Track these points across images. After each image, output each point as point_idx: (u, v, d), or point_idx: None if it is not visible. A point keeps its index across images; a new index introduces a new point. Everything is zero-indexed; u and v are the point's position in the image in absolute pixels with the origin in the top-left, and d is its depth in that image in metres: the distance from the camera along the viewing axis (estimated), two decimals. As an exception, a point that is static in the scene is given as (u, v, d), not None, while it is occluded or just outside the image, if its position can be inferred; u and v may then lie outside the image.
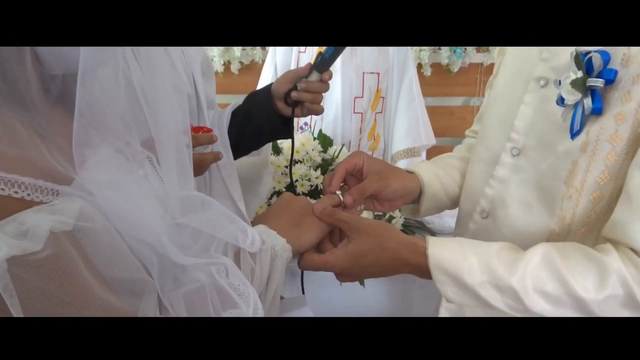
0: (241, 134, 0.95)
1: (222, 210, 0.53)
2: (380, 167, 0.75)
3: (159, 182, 0.51)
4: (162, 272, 0.44)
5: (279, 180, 1.29)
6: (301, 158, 1.35)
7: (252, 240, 0.52)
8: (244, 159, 1.01)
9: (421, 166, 0.81)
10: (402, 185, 0.76)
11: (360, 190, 0.71)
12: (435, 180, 0.80)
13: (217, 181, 0.93)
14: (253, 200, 1.08)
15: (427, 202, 0.80)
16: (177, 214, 0.50)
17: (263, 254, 0.54)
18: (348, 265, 0.60)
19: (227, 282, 0.45)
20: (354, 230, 0.61)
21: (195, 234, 0.51)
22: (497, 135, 0.71)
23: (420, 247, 0.59)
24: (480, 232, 0.71)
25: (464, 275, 0.56)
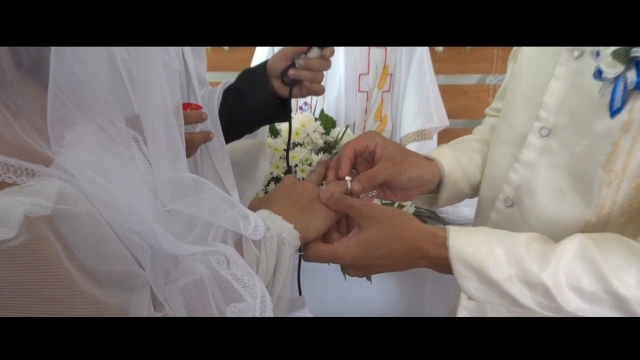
0: (233, 117, 0.93)
1: (219, 193, 0.52)
2: (395, 151, 0.74)
3: (146, 166, 0.50)
4: (155, 264, 0.43)
5: (277, 165, 1.28)
6: (301, 141, 1.33)
7: (255, 226, 0.51)
8: (237, 142, 1.00)
9: (441, 152, 0.80)
10: (419, 173, 0.74)
11: (370, 177, 0.70)
12: (457, 169, 0.78)
13: (207, 166, 0.92)
14: (248, 186, 1.07)
15: (447, 192, 0.79)
16: (167, 200, 0.49)
17: (268, 242, 0.53)
18: (359, 256, 0.59)
19: (229, 273, 0.45)
20: (366, 218, 0.60)
21: (189, 221, 0.50)
22: (523, 114, 0.70)
23: (440, 237, 0.58)
24: (504, 223, 0.70)
25: (489, 269, 0.55)
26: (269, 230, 0.54)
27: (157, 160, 0.49)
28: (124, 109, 0.50)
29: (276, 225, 0.55)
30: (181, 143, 0.51)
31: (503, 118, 0.76)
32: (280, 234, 0.55)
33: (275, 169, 1.27)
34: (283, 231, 0.55)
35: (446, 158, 0.79)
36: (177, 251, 0.44)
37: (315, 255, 0.61)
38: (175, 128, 0.50)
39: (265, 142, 1.07)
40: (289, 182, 0.65)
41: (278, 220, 0.56)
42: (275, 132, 1.34)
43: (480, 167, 0.80)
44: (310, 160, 1.29)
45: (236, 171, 0.97)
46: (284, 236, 0.55)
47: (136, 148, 0.50)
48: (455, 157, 0.80)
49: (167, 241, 0.44)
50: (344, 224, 0.67)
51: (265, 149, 1.07)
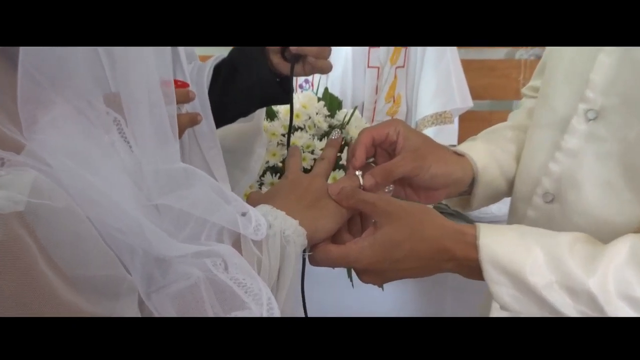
0: (225, 97, 0.93)
1: (214, 186, 0.53)
2: (418, 142, 0.74)
3: (129, 153, 0.50)
4: (144, 267, 0.44)
5: (274, 152, 1.28)
6: (302, 124, 1.34)
7: (257, 224, 0.52)
8: (229, 127, 1.01)
9: (473, 146, 0.80)
10: (446, 170, 0.74)
11: (386, 171, 0.70)
12: (492, 164, 0.79)
13: (194, 154, 0.92)
14: (241, 177, 1.07)
15: (482, 192, 0.79)
16: (154, 193, 0.50)
17: (270, 241, 0.54)
18: (375, 258, 0.60)
19: (228, 277, 0.45)
20: (383, 215, 0.61)
21: (179, 218, 0.50)
22: (566, 94, 0.70)
23: (469, 236, 0.59)
24: (542, 221, 0.71)
25: (526, 273, 0.55)
26: (271, 228, 0.55)
27: (141, 146, 0.50)
28: (102, 87, 0.50)
29: (279, 222, 0.56)
30: (169, 125, 0.51)
31: (542, 98, 0.76)
32: (284, 231, 0.56)
33: (272, 157, 1.28)
34: (287, 228, 0.56)
35: (479, 152, 0.78)
36: (171, 252, 0.45)
37: (324, 258, 0.61)
38: (163, 109, 0.51)
39: (261, 127, 1.08)
40: (292, 175, 0.66)
41: (281, 215, 0.57)
42: (272, 114, 1.34)
43: (516, 157, 0.81)
44: (312, 147, 1.30)
45: (227, 160, 0.98)
46: (289, 234, 0.56)
47: (117, 132, 0.50)
48: (490, 151, 0.79)
49: (159, 241, 0.44)
50: (358, 223, 0.68)
51: (261, 134, 1.08)
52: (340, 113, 1.43)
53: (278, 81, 0.92)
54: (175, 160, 0.53)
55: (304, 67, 0.90)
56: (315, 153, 1.29)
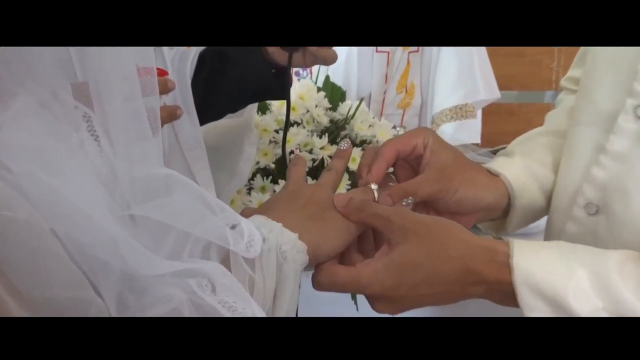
0: (212, 89, 0.93)
1: (199, 193, 0.53)
2: (447, 160, 0.75)
3: (100, 154, 0.50)
4: (117, 288, 0.44)
5: (266, 151, 1.28)
6: (299, 118, 1.34)
7: (250, 239, 0.52)
8: (217, 122, 1.00)
9: (510, 164, 0.80)
10: (475, 195, 0.74)
11: (404, 192, 0.71)
12: (530, 184, 0.79)
13: (173, 155, 0.92)
14: (228, 181, 1.07)
15: (519, 216, 0.79)
16: (129, 201, 0.50)
17: (265, 257, 0.54)
18: (391, 283, 0.60)
19: (216, 300, 0.45)
20: (398, 231, 0.61)
21: (158, 231, 0.51)
22: (610, 87, 0.71)
23: (500, 254, 0.58)
24: (585, 237, 0.71)
25: (568, 298, 0.55)
26: (265, 242, 0.55)
27: (115, 146, 0.50)
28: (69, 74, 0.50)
29: (275, 235, 0.56)
30: (148, 121, 0.52)
31: (583, 92, 0.76)
32: (281, 246, 0.56)
33: (264, 157, 1.28)
34: (285, 243, 0.56)
35: (515, 171, 0.78)
36: (148, 270, 0.45)
37: (330, 282, 0.61)
38: (140, 103, 0.51)
39: (251, 123, 1.08)
40: (293, 185, 0.66)
41: (277, 228, 0.57)
42: (263, 107, 1.34)
43: (554, 168, 0.81)
44: (310, 145, 1.30)
45: (212, 160, 0.97)
46: (286, 249, 0.56)
47: (87, 130, 0.50)
48: (528, 167, 0.79)
49: (135, 257, 0.44)
50: (370, 241, 0.68)
51: (251, 131, 1.08)
52: (343, 106, 1.43)
53: (273, 72, 0.93)
54: (154, 162, 0.53)
55: (304, 56, 0.90)
56: (314, 152, 1.29)
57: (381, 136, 1.39)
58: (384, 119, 1.48)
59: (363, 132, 1.37)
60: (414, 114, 1.87)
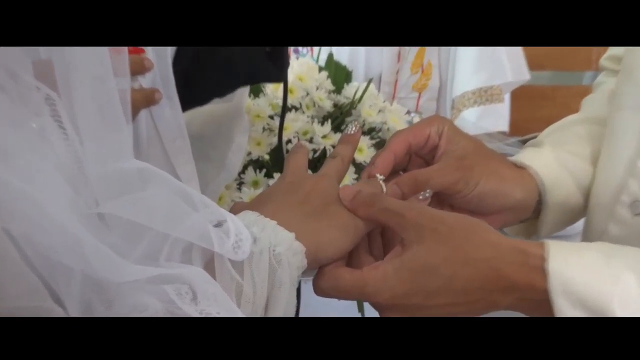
0: (195, 71, 0.93)
1: (177, 187, 0.53)
2: (466, 149, 0.74)
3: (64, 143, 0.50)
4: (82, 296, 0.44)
5: (259, 140, 1.28)
6: (298, 102, 1.34)
7: (238, 239, 0.52)
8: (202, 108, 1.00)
9: (539, 155, 0.79)
10: (500, 189, 0.74)
11: (416, 181, 0.70)
12: (564, 178, 0.78)
13: (152, 146, 0.92)
14: (215, 175, 1.08)
15: (553, 216, 0.78)
16: (98, 197, 0.50)
17: (255, 260, 0.54)
18: (403, 290, 0.60)
19: (197, 310, 0.45)
20: (414, 229, 0.61)
21: (131, 231, 0.51)
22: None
23: (534, 257, 0.58)
24: (630, 238, 0.71)
25: (613, 307, 0.54)
26: (256, 243, 0.55)
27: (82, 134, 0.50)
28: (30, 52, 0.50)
29: (268, 235, 0.56)
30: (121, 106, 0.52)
31: (626, 72, 0.76)
32: (275, 247, 0.55)
33: (257, 147, 1.27)
34: (279, 244, 0.56)
35: (546, 162, 0.78)
36: (119, 276, 0.45)
37: (333, 286, 0.61)
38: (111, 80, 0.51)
39: (242, 108, 1.08)
40: (292, 176, 0.66)
41: (271, 226, 0.57)
42: (256, 90, 1.34)
43: (593, 161, 0.80)
44: (311, 133, 1.30)
45: (196, 151, 0.97)
46: (280, 251, 0.55)
47: (49, 115, 0.50)
48: (560, 159, 0.79)
49: (103, 261, 0.44)
50: (378, 240, 0.68)
51: (242, 118, 1.08)
52: (349, 88, 1.43)
53: (268, 51, 0.92)
54: (126, 153, 0.53)
55: None
56: (315, 142, 1.29)
57: (393, 123, 1.39)
58: (396, 104, 1.48)
59: (372, 119, 1.36)
60: (431, 98, 1.87)
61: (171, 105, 0.89)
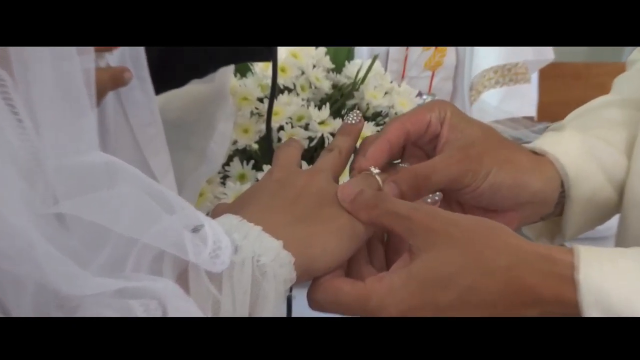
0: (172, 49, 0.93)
1: (148, 185, 0.53)
2: (473, 134, 0.73)
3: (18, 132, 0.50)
4: (35, 309, 0.44)
5: (246, 127, 1.28)
6: (291, 83, 1.34)
7: (216, 247, 0.52)
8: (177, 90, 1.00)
9: (561, 140, 0.78)
10: (516, 180, 0.73)
11: (417, 177, 0.69)
12: (592, 168, 0.76)
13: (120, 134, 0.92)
14: (195, 167, 1.08)
15: (579, 212, 0.77)
16: (57, 194, 0.50)
17: (236, 272, 0.54)
18: (411, 304, 0.59)
19: (167, 331, 0.45)
20: (423, 235, 0.60)
21: (93, 235, 0.51)
22: None
23: (562, 265, 0.57)
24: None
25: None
26: (237, 252, 0.55)
27: (38, 122, 0.50)
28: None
29: (251, 242, 0.56)
30: (84, 88, 0.52)
31: None
32: (259, 257, 0.55)
33: (244, 135, 1.28)
34: (264, 253, 0.55)
35: (568, 147, 0.76)
36: (78, 289, 0.45)
37: (331, 300, 0.61)
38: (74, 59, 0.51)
39: (227, 90, 1.08)
40: (281, 172, 0.66)
41: (255, 232, 0.57)
42: (243, 69, 1.34)
43: (626, 148, 0.79)
44: (306, 119, 1.30)
45: (172, 141, 0.98)
46: (266, 261, 0.55)
47: (1, 99, 0.50)
48: (587, 145, 0.77)
49: (59, 270, 0.44)
50: (379, 248, 0.68)
51: (226, 101, 1.08)
52: (350, 66, 1.43)
53: None
54: (90, 143, 0.53)
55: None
56: (311, 128, 1.29)
57: (401, 107, 1.39)
58: (405, 84, 1.48)
59: (377, 102, 1.37)
60: (447, 77, 1.86)
61: (143, 87, 0.89)
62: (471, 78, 1.84)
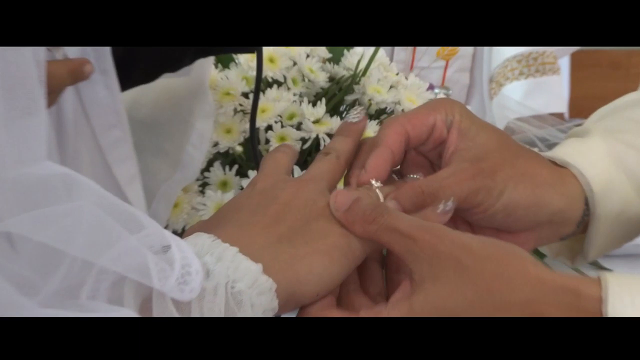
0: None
1: (108, 200, 0.53)
2: (486, 143, 0.73)
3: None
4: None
5: (229, 127, 1.28)
6: (281, 75, 1.35)
7: (185, 272, 0.52)
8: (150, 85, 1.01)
9: (586, 149, 0.78)
10: (531, 198, 0.72)
11: (422, 194, 0.69)
12: (620, 179, 0.76)
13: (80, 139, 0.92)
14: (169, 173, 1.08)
15: (604, 232, 0.77)
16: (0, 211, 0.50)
17: (207, 301, 0.54)
18: None
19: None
20: (427, 260, 0.60)
21: (44, 257, 0.51)
22: None
23: (587, 298, 0.57)
24: None
25: None
26: (209, 277, 0.55)
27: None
28: None
29: (225, 266, 0.56)
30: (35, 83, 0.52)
31: None
32: (234, 284, 0.55)
33: (226, 136, 1.28)
34: (240, 278, 0.56)
35: (595, 157, 0.76)
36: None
37: None
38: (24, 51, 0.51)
39: (205, 83, 1.08)
40: (265, 180, 0.66)
41: (229, 254, 0.57)
42: (225, 60, 1.34)
43: None
44: (298, 117, 1.30)
45: (142, 142, 0.98)
46: (241, 288, 0.55)
47: None
48: (614, 154, 0.77)
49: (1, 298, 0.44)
50: (377, 270, 0.68)
51: (205, 96, 1.09)
52: (350, 55, 1.43)
53: None
54: (39, 149, 0.53)
55: None
56: (304, 128, 1.29)
57: (409, 103, 1.38)
58: (414, 77, 1.48)
59: (381, 97, 1.36)
60: (463, 69, 1.85)
61: (106, 83, 0.89)
62: (491, 69, 1.83)
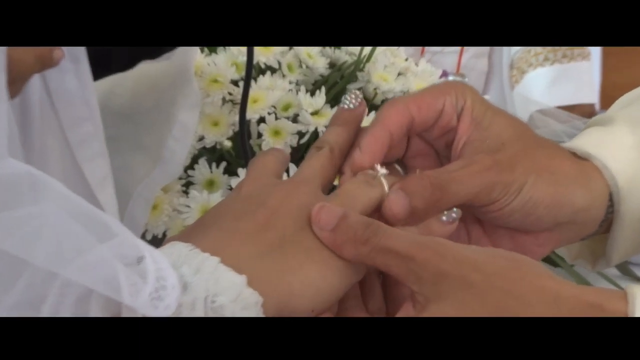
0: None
1: (74, 203, 0.53)
2: (502, 133, 0.72)
3: None
4: None
5: (217, 119, 1.29)
6: (275, 61, 1.35)
7: (159, 285, 0.52)
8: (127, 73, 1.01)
9: (610, 140, 0.77)
10: (552, 196, 0.71)
11: (430, 187, 0.67)
12: None
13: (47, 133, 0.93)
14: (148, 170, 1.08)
15: (630, 232, 0.76)
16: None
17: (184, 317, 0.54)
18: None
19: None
20: (430, 280, 0.59)
21: (2, 268, 0.51)
22: None
23: (612, 313, 0.56)
24: None
25: None
26: (186, 291, 0.55)
27: None
28: None
29: (204, 278, 0.56)
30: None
31: None
32: (214, 298, 0.55)
33: (213, 129, 1.28)
34: (221, 292, 0.55)
35: (619, 149, 0.76)
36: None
37: None
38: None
39: (190, 69, 1.08)
40: (252, 183, 0.66)
41: (210, 265, 0.57)
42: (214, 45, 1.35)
43: None
44: (295, 108, 1.30)
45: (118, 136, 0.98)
46: (223, 303, 0.55)
47: None
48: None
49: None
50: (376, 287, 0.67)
51: (189, 84, 1.08)
52: (353, 41, 1.44)
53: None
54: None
55: None
56: (302, 120, 1.30)
57: (419, 92, 1.39)
58: (425, 62, 1.48)
59: (387, 86, 1.36)
60: (480, 54, 1.85)
61: (77, 71, 0.89)
62: (512, 54, 1.83)
